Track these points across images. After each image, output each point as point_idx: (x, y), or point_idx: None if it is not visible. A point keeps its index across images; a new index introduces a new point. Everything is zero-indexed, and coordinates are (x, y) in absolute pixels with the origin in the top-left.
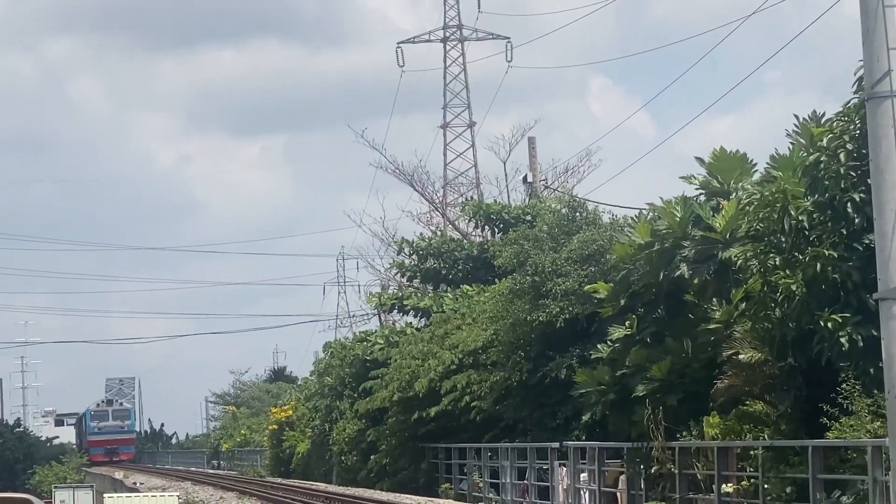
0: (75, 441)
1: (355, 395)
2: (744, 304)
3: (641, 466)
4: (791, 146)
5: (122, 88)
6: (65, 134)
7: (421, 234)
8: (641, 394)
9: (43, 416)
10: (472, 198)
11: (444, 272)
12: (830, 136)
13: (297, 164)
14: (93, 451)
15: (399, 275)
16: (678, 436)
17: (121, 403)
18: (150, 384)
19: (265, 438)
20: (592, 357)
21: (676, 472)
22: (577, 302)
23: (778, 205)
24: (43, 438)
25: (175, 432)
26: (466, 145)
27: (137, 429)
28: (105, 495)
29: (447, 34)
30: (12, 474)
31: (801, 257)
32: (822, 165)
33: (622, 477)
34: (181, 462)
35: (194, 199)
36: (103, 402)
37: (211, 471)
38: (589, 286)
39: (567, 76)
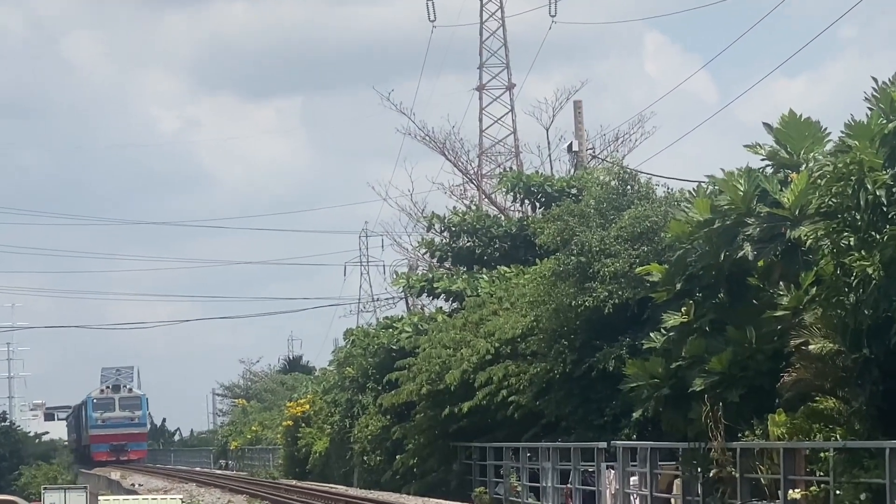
0: (68, 437)
1: (379, 388)
2: (814, 289)
3: (698, 469)
4: (869, 112)
5: (122, 46)
6: (58, 96)
7: (453, 208)
8: (699, 388)
9: (31, 410)
10: (510, 168)
11: (478, 251)
12: None
13: (316, 130)
14: (95, 448)
15: (428, 254)
16: (739, 435)
17: (129, 390)
18: (151, 374)
19: (278, 435)
20: (644, 347)
21: (737, 475)
22: (628, 285)
23: (853, 178)
24: (31, 434)
25: (178, 428)
26: (505, 110)
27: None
28: (100, 497)
29: None
30: None
31: (878, 237)
32: None
33: (677, 481)
34: (185, 461)
35: (202, 168)
36: (108, 388)
37: (218, 471)
38: (641, 268)
39: (618, 32)
